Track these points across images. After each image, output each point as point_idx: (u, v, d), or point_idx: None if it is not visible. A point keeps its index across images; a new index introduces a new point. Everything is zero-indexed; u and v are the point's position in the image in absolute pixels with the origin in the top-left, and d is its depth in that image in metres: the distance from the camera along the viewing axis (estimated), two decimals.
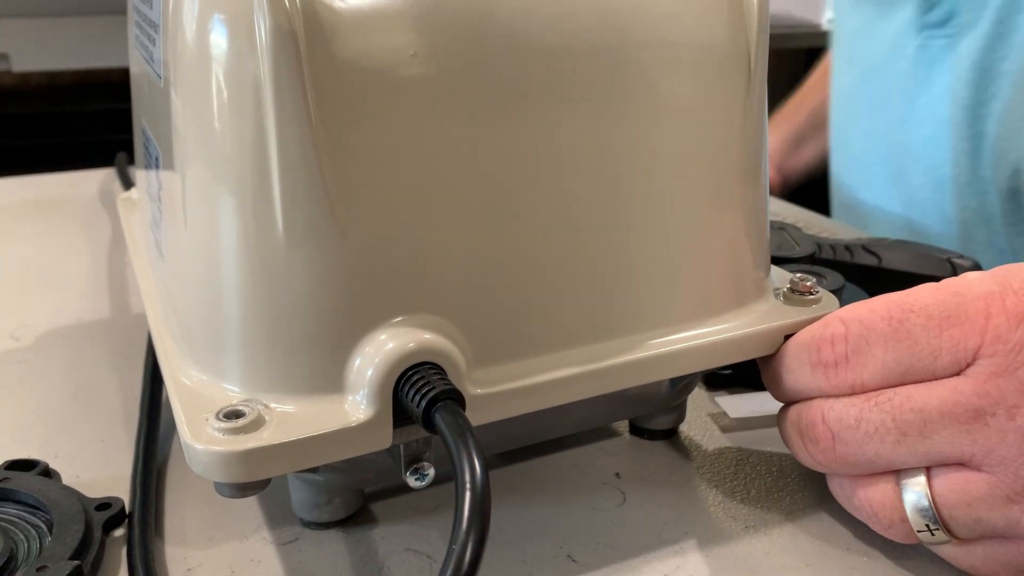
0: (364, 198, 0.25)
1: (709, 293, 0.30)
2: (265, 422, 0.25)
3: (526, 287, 0.27)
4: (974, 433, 0.26)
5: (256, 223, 0.25)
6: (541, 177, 0.27)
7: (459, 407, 0.24)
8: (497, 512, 0.31)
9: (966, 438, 0.26)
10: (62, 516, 0.29)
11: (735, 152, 0.30)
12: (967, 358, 0.26)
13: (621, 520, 0.31)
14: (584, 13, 0.27)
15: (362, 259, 0.25)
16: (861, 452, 0.28)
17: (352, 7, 0.24)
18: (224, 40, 0.25)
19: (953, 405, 0.26)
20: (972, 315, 0.26)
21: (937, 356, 0.27)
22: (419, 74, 0.25)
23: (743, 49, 0.29)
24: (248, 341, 0.26)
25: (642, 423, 0.36)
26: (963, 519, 0.27)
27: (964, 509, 0.26)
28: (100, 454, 0.35)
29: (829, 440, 0.28)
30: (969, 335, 0.26)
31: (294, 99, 0.24)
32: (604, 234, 0.28)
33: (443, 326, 0.26)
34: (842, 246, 0.47)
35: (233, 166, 0.25)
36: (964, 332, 0.26)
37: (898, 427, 0.27)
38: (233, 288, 0.26)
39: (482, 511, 0.21)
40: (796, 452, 0.30)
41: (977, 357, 0.26)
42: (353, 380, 0.25)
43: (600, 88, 0.27)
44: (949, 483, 0.27)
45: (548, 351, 0.28)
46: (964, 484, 0.26)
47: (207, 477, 0.24)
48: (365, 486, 0.31)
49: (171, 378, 0.27)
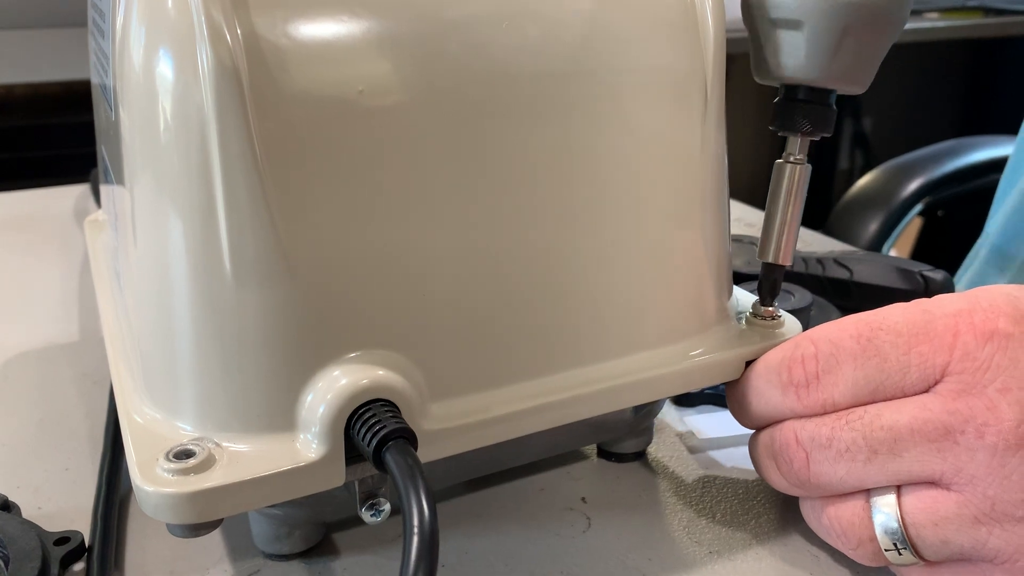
0: (313, 234, 0.25)
1: (669, 321, 0.30)
2: (216, 461, 0.24)
3: (483, 321, 0.27)
4: (944, 451, 0.26)
5: (204, 257, 0.25)
6: (497, 209, 0.27)
7: (411, 446, 0.24)
8: (459, 540, 0.31)
9: (936, 456, 0.26)
10: (19, 552, 0.29)
11: (695, 176, 0.30)
12: (935, 375, 0.26)
13: (585, 547, 0.31)
14: (537, 43, 0.27)
15: (313, 295, 0.25)
16: (833, 471, 0.27)
17: (297, 42, 0.24)
18: (169, 72, 0.25)
19: (922, 423, 0.26)
20: (940, 332, 0.26)
21: (906, 373, 0.26)
22: (367, 108, 0.25)
23: (699, 73, 0.29)
24: (198, 378, 0.25)
25: (609, 446, 0.35)
26: (931, 539, 0.26)
27: (932, 529, 0.26)
28: (63, 484, 0.35)
29: (803, 460, 0.28)
30: (937, 351, 0.26)
31: (238, 132, 0.24)
32: (563, 264, 0.28)
33: (398, 361, 0.26)
34: (814, 259, 0.47)
35: (180, 199, 0.25)
36: (932, 348, 0.26)
37: (869, 445, 0.27)
38: (183, 325, 0.25)
39: (429, 556, 0.21)
40: (769, 476, 0.30)
41: (945, 374, 0.26)
42: (305, 417, 0.25)
43: (556, 117, 0.27)
44: (918, 501, 0.26)
45: (505, 383, 0.28)
46: (932, 503, 0.26)
47: (157, 518, 0.24)
48: (325, 518, 0.31)
49: (125, 415, 0.27)
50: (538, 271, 0.28)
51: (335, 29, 0.25)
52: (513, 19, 0.26)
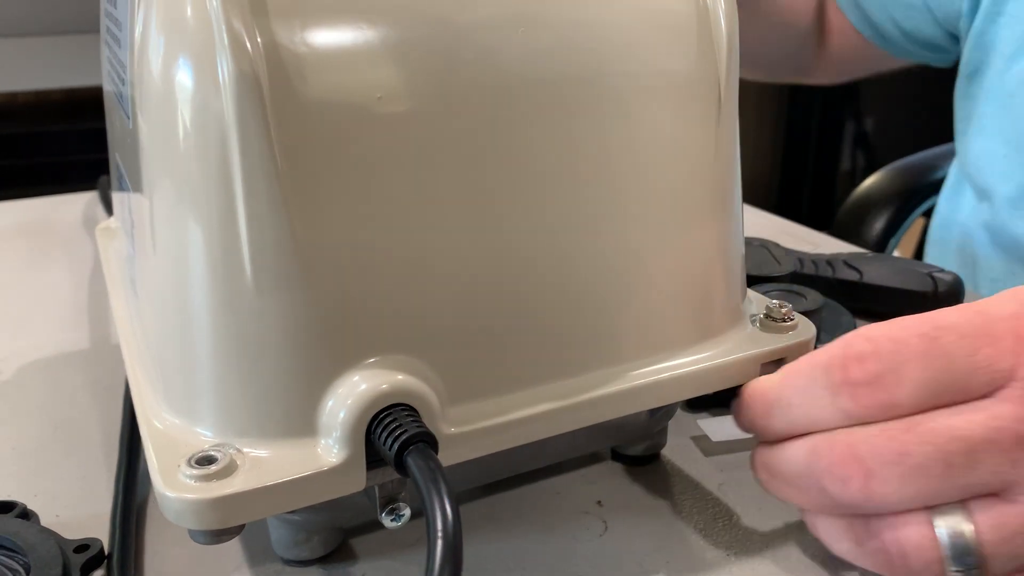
0: (332, 240, 0.25)
1: (684, 323, 0.30)
2: (237, 467, 0.24)
3: (501, 325, 0.27)
4: (1017, 462, 0.24)
5: (224, 265, 0.25)
6: (513, 213, 0.27)
7: (431, 450, 0.24)
8: (477, 545, 0.31)
9: (1009, 467, 0.25)
10: (39, 560, 0.29)
11: (708, 179, 0.30)
12: (1000, 380, 0.25)
13: (602, 551, 0.31)
14: (552, 49, 0.27)
15: (332, 301, 0.25)
16: (902, 490, 0.25)
17: (316, 50, 0.24)
18: (189, 81, 0.25)
19: (996, 432, 0.25)
20: (1001, 335, 0.25)
21: (972, 376, 0.25)
22: (385, 115, 0.25)
23: (712, 77, 0.29)
24: (218, 385, 0.26)
25: (624, 449, 0.35)
26: (1002, 555, 0.25)
27: (1002, 545, 0.25)
28: (80, 492, 0.35)
29: (862, 478, 0.25)
30: (1002, 355, 0.25)
31: (259, 141, 0.24)
32: (579, 267, 0.28)
33: (417, 366, 0.26)
34: (824, 261, 0.47)
35: (200, 208, 0.25)
36: (997, 352, 0.25)
37: (944, 459, 0.25)
38: (202, 330, 0.26)
39: (454, 559, 0.21)
40: (800, 497, 0.27)
41: (1011, 379, 0.25)
42: (326, 423, 0.25)
43: (571, 122, 0.27)
44: (989, 517, 0.25)
45: (524, 387, 0.28)
46: (1002, 517, 0.25)
47: (180, 524, 0.24)
48: (344, 524, 0.31)
49: (144, 421, 0.27)
50: (555, 275, 0.28)
51: (353, 36, 0.25)
52: (528, 24, 0.26)
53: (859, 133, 2.24)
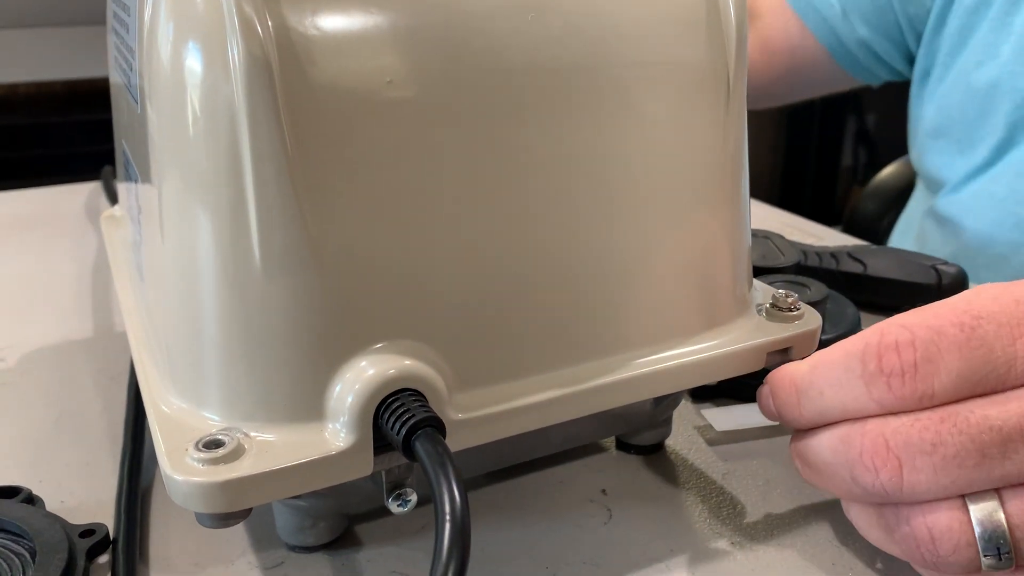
0: (342, 225, 0.25)
1: (691, 311, 0.30)
2: (245, 451, 0.24)
3: (508, 311, 0.27)
4: None
5: (233, 250, 0.25)
6: (522, 199, 0.27)
7: (439, 434, 0.24)
8: (482, 532, 0.31)
9: None
10: (45, 544, 0.29)
11: (716, 169, 0.30)
12: None
13: (607, 538, 0.31)
14: (561, 36, 0.27)
15: (340, 286, 0.25)
16: (935, 480, 0.25)
17: (327, 34, 0.24)
18: (199, 66, 0.25)
19: None
20: None
21: (1012, 366, 0.25)
22: (395, 100, 0.25)
23: (722, 65, 0.29)
24: (226, 368, 0.26)
25: (628, 438, 0.35)
26: None
27: None
28: (85, 479, 0.35)
29: (895, 468, 0.25)
30: None
31: (269, 125, 0.24)
32: (586, 254, 0.28)
33: (424, 351, 0.26)
34: (828, 253, 0.47)
35: (209, 193, 0.25)
36: None
37: (979, 449, 0.25)
38: (211, 315, 0.26)
39: (462, 542, 0.21)
40: (834, 485, 0.27)
41: None
42: (333, 407, 0.25)
43: (580, 109, 0.27)
44: (1022, 505, 0.25)
45: (530, 373, 0.28)
46: None
47: (187, 508, 0.24)
48: (349, 510, 0.31)
49: (151, 405, 0.27)
50: (563, 262, 0.28)
51: (363, 20, 0.25)
52: (538, 12, 0.26)
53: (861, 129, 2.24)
